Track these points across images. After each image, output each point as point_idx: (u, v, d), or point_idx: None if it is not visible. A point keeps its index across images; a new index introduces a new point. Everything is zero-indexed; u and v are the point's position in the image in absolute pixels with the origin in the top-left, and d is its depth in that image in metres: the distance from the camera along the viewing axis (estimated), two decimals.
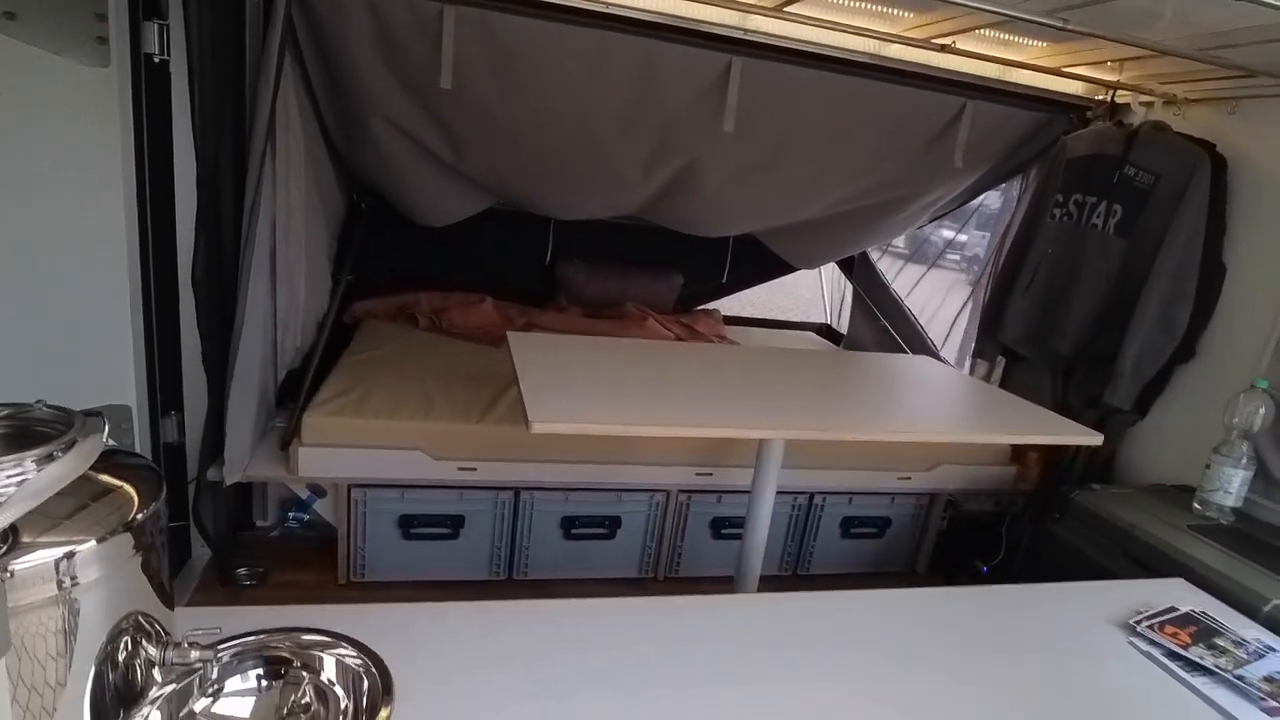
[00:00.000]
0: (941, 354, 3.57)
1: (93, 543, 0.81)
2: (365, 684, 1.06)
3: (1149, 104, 2.60)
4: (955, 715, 1.16)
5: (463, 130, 2.66)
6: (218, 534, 2.13)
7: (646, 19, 2.24)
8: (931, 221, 3.55)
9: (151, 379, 1.96)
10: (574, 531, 2.33)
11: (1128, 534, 1.96)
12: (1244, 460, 2.01)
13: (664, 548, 2.43)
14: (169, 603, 0.95)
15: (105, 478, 0.87)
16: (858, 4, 2.20)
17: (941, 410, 2.14)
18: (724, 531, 2.45)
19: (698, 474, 2.36)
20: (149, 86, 1.80)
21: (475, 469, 2.19)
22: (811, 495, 2.49)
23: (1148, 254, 2.37)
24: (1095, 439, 1.79)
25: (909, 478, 2.54)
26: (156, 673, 0.95)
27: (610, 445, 2.29)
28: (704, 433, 1.49)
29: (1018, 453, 2.69)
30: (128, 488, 0.88)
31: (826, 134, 2.68)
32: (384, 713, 1.00)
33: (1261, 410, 2.01)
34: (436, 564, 2.26)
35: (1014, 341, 2.73)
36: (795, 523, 2.52)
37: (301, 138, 2.30)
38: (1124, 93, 2.59)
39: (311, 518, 2.38)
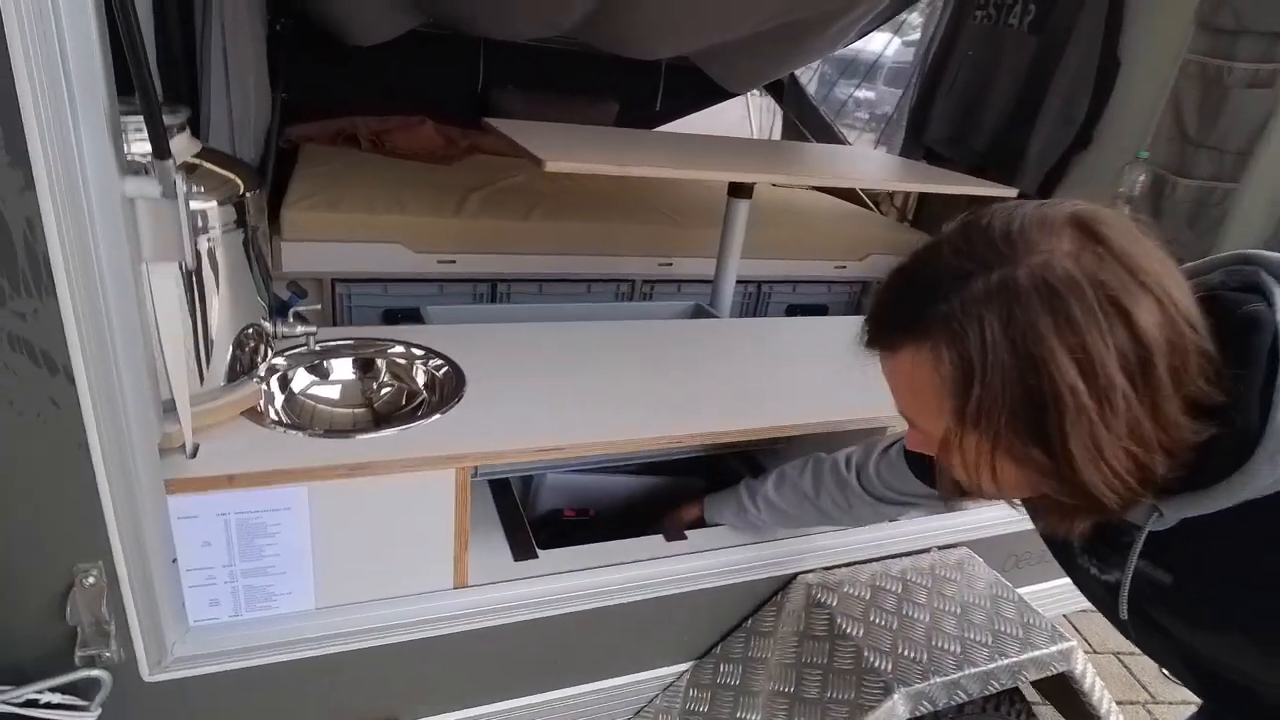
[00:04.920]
0: None
1: (214, 203, 0.92)
2: (442, 374, 1.24)
3: None
4: None
5: None
6: None
7: None
8: (859, 38, 3.69)
9: None
10: None
11: None
12: None
13: None
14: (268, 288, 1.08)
15: (214, 168, 0.97)
16: None
17: (883, 173, 2.39)
18: None
19: (660, 264, 2.55)
20: None
21: (454, 261, 2.30)
22: (760, 284, 2.74)
23: (1056, 50, 2.61)
24: (1010, 192, 2.08)
25: (844, 266, 2.83)
26: (267, 347, 1.08)
27: (581, 235, 2.44)
28: (693, 174, 1.66)
29: None
30: (234, 175, 0.99)
31: None
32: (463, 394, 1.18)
33: (1141, 177, 2.35)
34: None
35: (935, 142, 2.99)
36: (746, 310, 2.78)
37: None
38: None
39: None
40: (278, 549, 0.98)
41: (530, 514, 1.49)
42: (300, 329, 1.11)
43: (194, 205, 0.89)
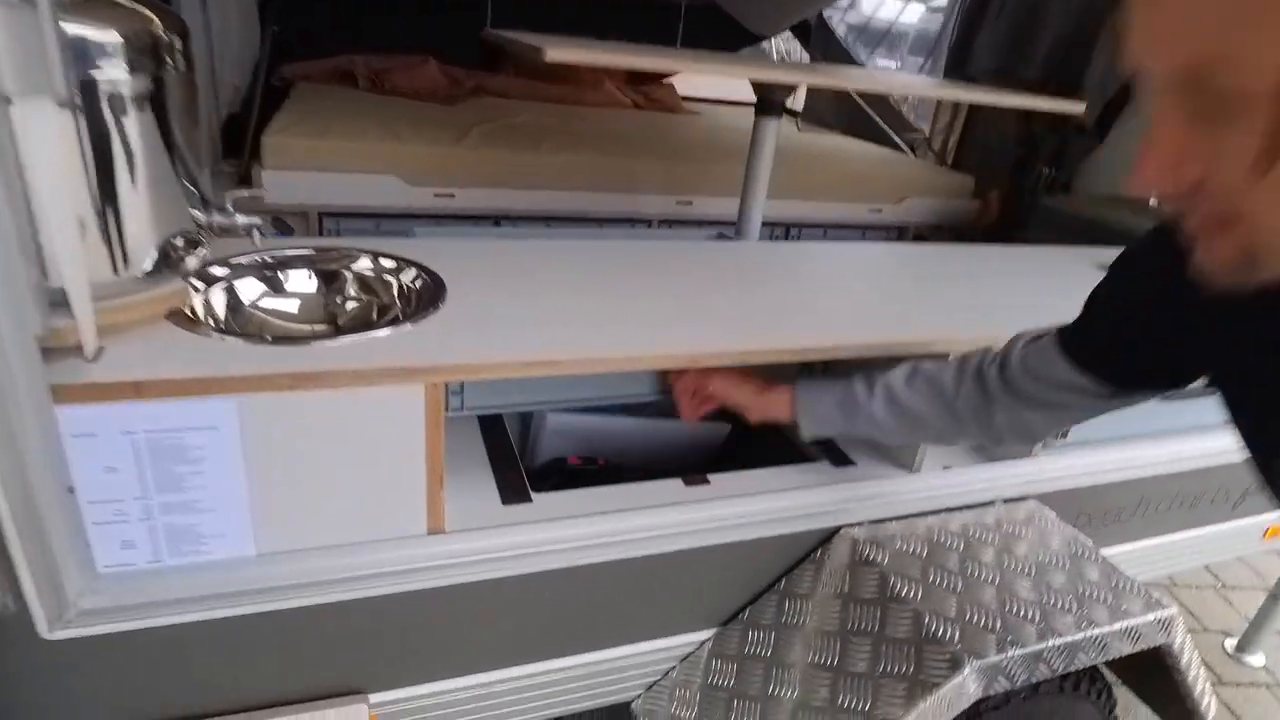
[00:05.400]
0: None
1: (112, 34, 0.73)
2: (419, 286, 1.04)
3: None
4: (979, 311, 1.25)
5: None
6: None
7: None
8: None
9: None
10: None
11: (1092, 224, 2.07)
12: None
13: None
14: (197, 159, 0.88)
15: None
16: None
17: (927, 87, 2.16)
18: None
19: (679, 203, 2.34)
20: None
21: (453, 195, 2.09)
22: (788, 227, 2.52)
23: None
24: (1077, 107, 1.85)
25: (880, 210, 2.59)
26: (197, 239, 0.89)
27: (592, 168, 2.23)
28: (711, 71, 1.45)
29: (981, 189, 2.76)
30: (148, 11, 0.79)
31: None
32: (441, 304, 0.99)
33: None
34: None
35: (981, 74, 2.73)
36: None
37: None
38: None
39: None
40: (204, 479, 0.79)
41: (530, 463, 1.30)
42: (241, 219, 0.91)
43: (79, 30, 0.70)
